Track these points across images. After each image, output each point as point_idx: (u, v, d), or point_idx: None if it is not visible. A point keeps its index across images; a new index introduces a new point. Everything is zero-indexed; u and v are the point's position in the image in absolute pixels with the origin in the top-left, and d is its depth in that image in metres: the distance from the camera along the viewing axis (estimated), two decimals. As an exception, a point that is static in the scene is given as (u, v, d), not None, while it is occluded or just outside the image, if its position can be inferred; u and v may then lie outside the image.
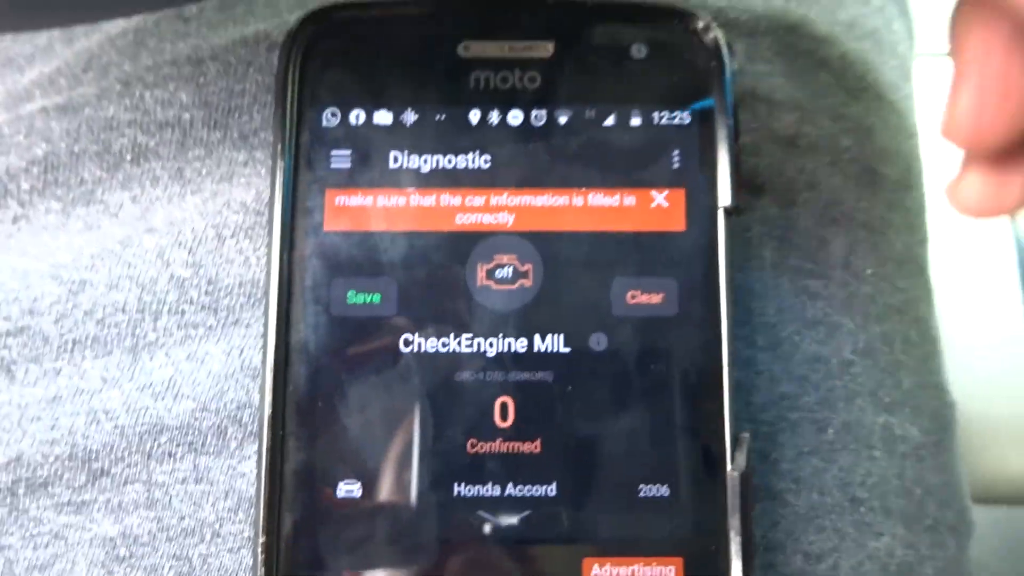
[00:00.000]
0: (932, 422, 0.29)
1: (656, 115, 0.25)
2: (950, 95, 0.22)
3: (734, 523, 0.23)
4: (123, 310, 0.25)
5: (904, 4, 0.35)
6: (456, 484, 0.23)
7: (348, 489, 0.23)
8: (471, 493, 0.23)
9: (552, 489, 0.23)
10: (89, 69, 0.27)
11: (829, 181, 0.28)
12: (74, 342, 0.25)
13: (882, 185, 0.29)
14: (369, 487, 0.23)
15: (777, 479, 0.26)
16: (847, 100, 0.29)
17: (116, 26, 0.28)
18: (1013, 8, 0.19)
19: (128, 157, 0.26)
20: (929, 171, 0.33)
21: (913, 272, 0.30)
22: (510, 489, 0.23)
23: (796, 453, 0.26)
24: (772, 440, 0.26)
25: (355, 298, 0.24)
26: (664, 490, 0.23)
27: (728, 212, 0.24)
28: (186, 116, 0.26)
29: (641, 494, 0.23)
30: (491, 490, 0.23)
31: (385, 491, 0.23)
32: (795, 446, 0.26)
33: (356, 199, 0.24)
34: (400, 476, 0.23)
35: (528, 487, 0.23)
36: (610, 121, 0.25)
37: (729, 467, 0.23)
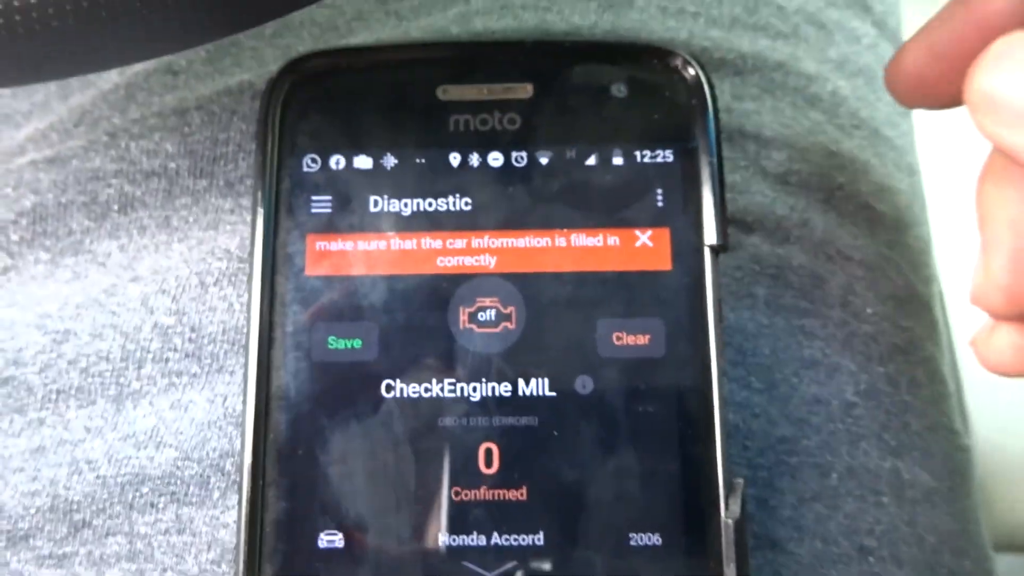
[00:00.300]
0: (944, 466, 0.28)
1: (638, 154, 0.25)
2: (980, 264, 0.22)
3: (729, 572, 0.22)
4: (107, 359, 0.25)
5: (899, 41, 0.35)
6: (440, 534, 0.23)
7: (330, 540, 0.23)
8: (456, 543, 0.23)
9: (539, 538, 0.23)
10: (81, 123, 0.28)
11: (823, 218, 0.28)
12: (58, 392, 0.25)
13: (880, 222, 0.29)
14: (351, 537, 0.23)
15: (778, 527, 0.25)
16: (840, 137, 0.29)
17: (109, 81, 0.28)
18: None
19: (115, 207, 0.27)
20: (934, 208, 0.33)
21: (917, 311, 0.29)
22: (496, 538, 0.23)
23: (797, 499, 0.26)
24: (771, 486, 0.26)
25: (336, 343, 0.24)
26: (656, 538, 0.23)
27: (714, 250, 0.24)
28: (172, 165, 0.27)
29: (632, 543, 0.23)
30: (476, 539, 0.23)
31: (368, 541, 0.23)
32: (796, 492, 0.26)
33: (337, 244, 0.24)
34: (383, 526, 0.23)
35: (515, 536, 0.23)
36: (592, 161, 0.25)
37: (723, 514, 0.23)
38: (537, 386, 0.24)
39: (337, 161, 0.25)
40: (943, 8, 0.23)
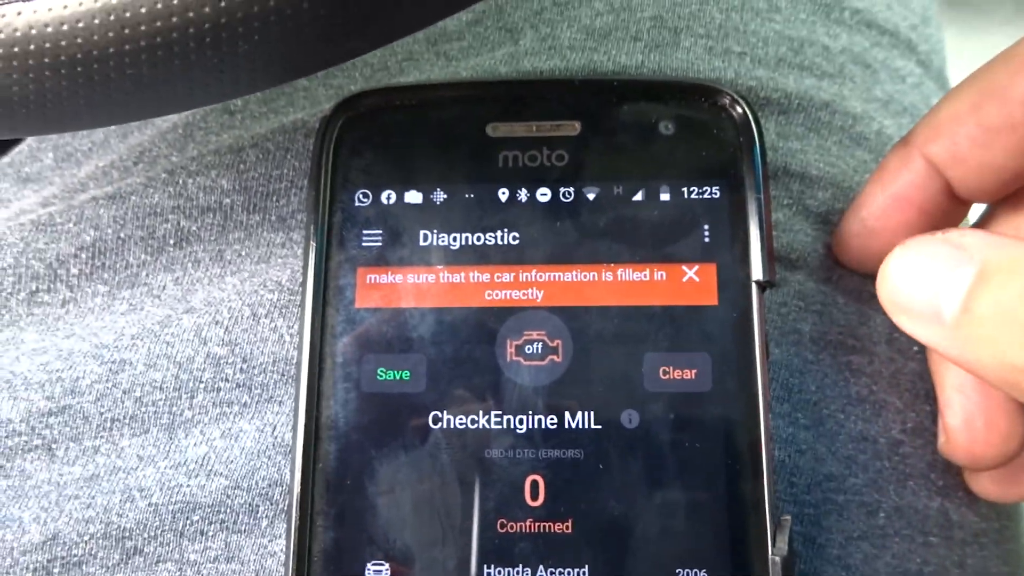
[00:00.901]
0: (992, 507, 0.28)
1: (685, 190, 0.25)
2: (940, 419, 0.25)
3: (777, 610, 0.22)
4: (161, 388, 0.26)
5: (944, 80, 0.35)
6: (486, 566, 0.23)
7: (377, 570, 0.23)
8: (501, 575, 0.23)
9: (585, 572, 0.23)
10: (140, 161, 0.29)
11: None
12: (112, 421, 0.26)
13: (925, 260, 0.29)
14: (397, 568, 0.23)
15: (826, 566, 0.25)
16: (884, 176, 0.29)
17: (168, 121, 0.29)
18: (959, 363, 0.20)
19: (171, 241, 0.27)
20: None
21: (964, 349, 0.29)
22: (541, 571, 0.23)
23: (845, 538, 0.25)
24: (818, 524, 0.25)
25: (385, 375, 0.24)
26: (702, 574, 0.23)
27: (761, 286, 0.24)
28: (227, 201, 0.27)
29: None
30: (521, 572, 0.23)
31: (414, 572, 0.23)
32: (843, 530, 0.25)
33: (387, 277, 0.25)
34: (429, 557, 0.23)
35: (560, 569, 0.23)
36: (639, 197, 0.25)
37: (770, 551, 0.22)
38: (583, 419, 0.24)
39: (388, 196, 0.25)
40: (865, 185, 0.26)
